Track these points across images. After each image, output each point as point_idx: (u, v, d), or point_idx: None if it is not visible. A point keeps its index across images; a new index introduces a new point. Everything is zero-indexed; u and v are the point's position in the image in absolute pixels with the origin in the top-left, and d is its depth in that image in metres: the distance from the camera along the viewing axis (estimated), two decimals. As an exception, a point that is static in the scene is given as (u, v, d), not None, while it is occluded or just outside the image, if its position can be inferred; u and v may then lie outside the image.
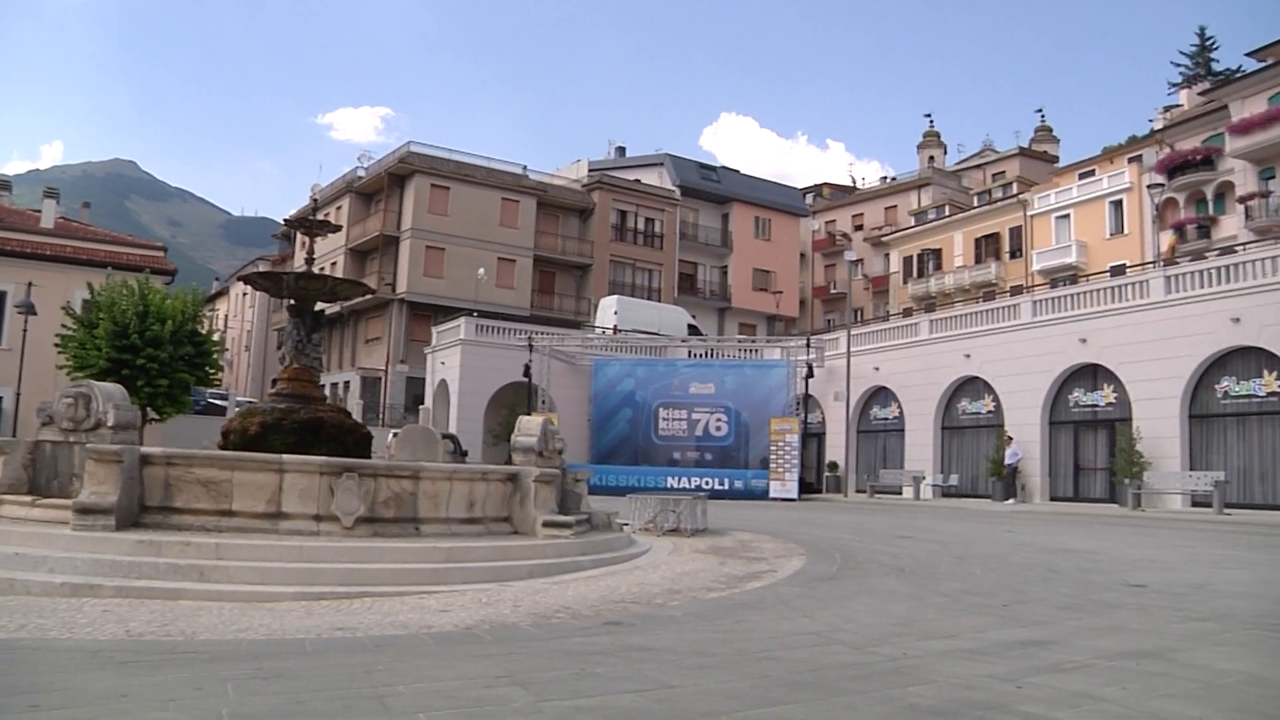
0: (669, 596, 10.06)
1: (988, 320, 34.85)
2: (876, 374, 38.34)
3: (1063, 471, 31.78)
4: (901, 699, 5.62)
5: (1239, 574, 12.66)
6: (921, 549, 15.82)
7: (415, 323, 51.85)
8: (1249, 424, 26.83)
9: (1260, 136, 40.51)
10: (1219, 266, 28.39)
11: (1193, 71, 66.19)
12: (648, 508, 18.38)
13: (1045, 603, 9.92)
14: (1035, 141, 75.69)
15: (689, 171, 63.00)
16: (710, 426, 39.38)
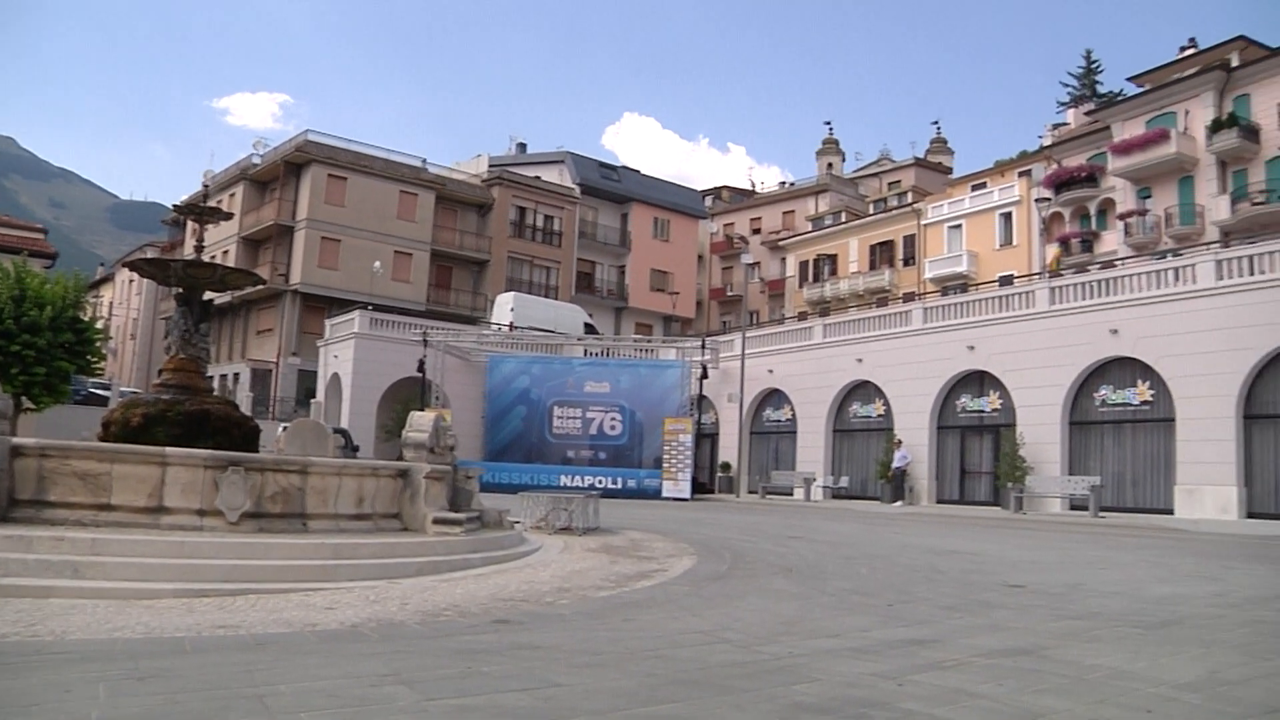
0: (559, 595, 10.04)
1: (880, 326, 35.55)
2: (770, 376, 38.80)
3: (949, 475, 32.56)
4: (786, 697, 5.70)
5: (1111, 574, 13.12)
6: (810, 549, 16.05)
7: (308, 315, 50.88)
8: (1124, 431, 27.84)
9: (1139, 157, 42.05)
10: (1099, 280, 29.43)
11: (1080, 92, 68.32)
12: (540, 506, 18.33)
13: (928, 602, 10.15)
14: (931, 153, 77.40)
15: (590, 170, 62.98)
16: (605, 425, 39.43)
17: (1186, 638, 8.18)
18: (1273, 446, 24.78)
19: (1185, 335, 25.87)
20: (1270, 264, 25.06)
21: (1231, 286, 25.43)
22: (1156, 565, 14.39)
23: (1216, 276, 25.84)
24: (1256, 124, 39.75)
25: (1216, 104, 41.11)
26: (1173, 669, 6.84)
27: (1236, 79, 41.14)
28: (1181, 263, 27.68)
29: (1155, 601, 10.44)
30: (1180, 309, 26.28)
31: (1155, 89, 44.21)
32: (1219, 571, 13.48)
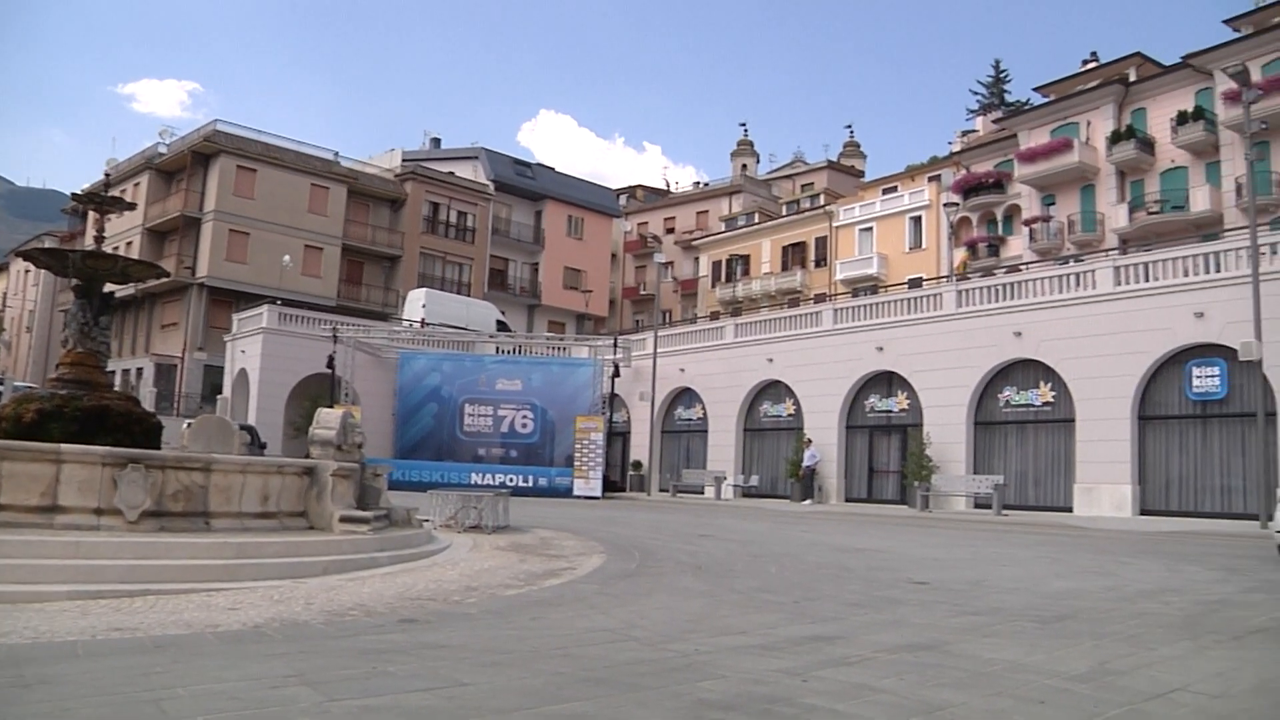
0: (466, 594, 9.99)
1: (791, 326, 35.92)
2: (682, 375, 38.98)
3: (858, 474, 33.04)
4: (692, 694, 5.74)
5: (1012, 571, 13.44)
6: (719, 547, 16.17)
7: (215, 309, 49.80)
8: (1027, 431, 28.54)
9: (1043, 165, 43.14)
10: (1004, 284, 30.12)
11: (988, 100, 69.78)
12: (449, 504, 18.21)
13: (834, 599, 10.29)
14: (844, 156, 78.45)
15: (504, 167, 62.62)
16: (516, 423, 39.27)
17: (1080, 631, 8.43)
18: (1164, 446, 25.62)
19: (1085, 339, 26.61)
20: (1163, 271, 25.91)
21: (1128, 292, 26.22)
22: (1055, 561, 14.77)
23: (1114, 282, 26.62)
24: (1152, 137, 41.04)
25: (1116, 116, 42.35)
26: (1066, 661, 7.05)
27: (1134, 93, 42.44)
28: (1082, 268, 28.46)
29: (1053, 597, 10.73)
30: (1080, 313, 27.02)
31: (1059, 100, 45.39)
32: (1113, 567, 13.90)
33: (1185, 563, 14.57)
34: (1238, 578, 12.73)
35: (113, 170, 52.81)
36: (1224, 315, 23.86)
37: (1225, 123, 36.81)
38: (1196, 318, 24.61)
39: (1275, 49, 36.89)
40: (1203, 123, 38.47)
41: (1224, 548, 17.48)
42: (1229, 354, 23.69)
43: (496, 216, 60.65)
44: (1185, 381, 25.17)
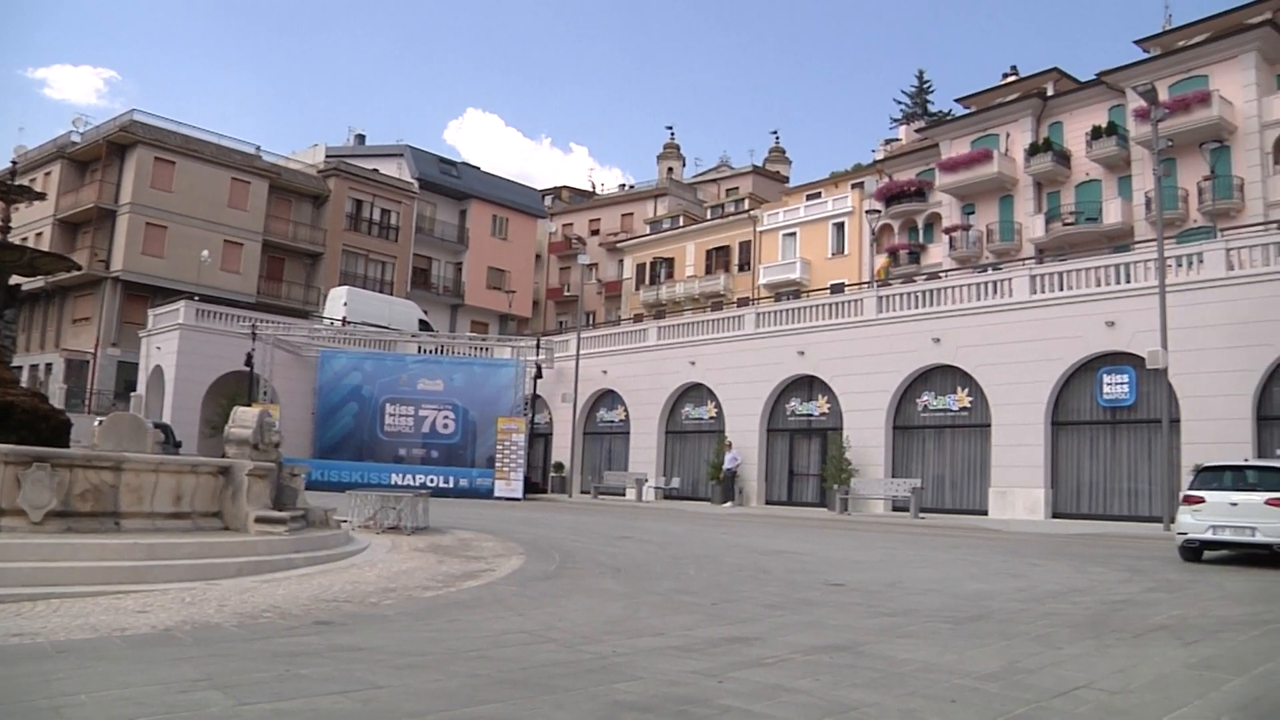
0: (383, 595, 9.90)
1: (714, 330, 36.11)
2: (605, 377, 38.99)
3: (778, 476, 33.32)
4: (608, 696, 5.76)
5: (927, 573, 13.67)
6: (639, 549, 16.21)
7: (130, 304, 48.61)
8: (944, 435, 29.02)
9: (964, 175, 43.90)
10: (924, 290, 30.60)
11: (912, 110, 70.69)
12: (368, 504, 18.03)
13: (752, 601, 10.38)
14: (769, 161, 78.98)
15: (429, 165, 62.08)
16: (438, 424, 38.99)
17: (991, 631, 8.60)
18: (1075, 451, 26.24)
19: (1001, 345, 27.15)
20: (1077, 281, 26.54)
21: (1043, 301, 26.81)
22: (969, 564, 15.05)
23: (1030, 291, 27.20)
24: (1068, 150, 41.99)
25: (1034, 129, 43.26)
26: (977, 661, 7.19)
27: (1052, 107, 43.41)
28: (999, 277, 29.04)
29: (966, 598, 10.93)
30: (997, 320, 27.57)
31: (980, 111, 46.24)
32: (1025, 569, 14.20)
33: (1093, 564, 14.93)
34: (1141, 578, 13.09)
35: (20, 158, 51.42)
36: (1133, 324, 24.50)
37: (1136, 139, 37.80)
38: (1108, 326, 25.25)
39: (1181, 71, 38.00)
40: (1115, 138, 39.48)
41: (1130, 549, 17.95)
42: (1138, 362, 24.34)
43: (421, 215, 60.12)
44: (1096, 388, 25.80)
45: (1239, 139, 36.29)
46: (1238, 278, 23.56)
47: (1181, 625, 9.09)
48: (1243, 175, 36.06)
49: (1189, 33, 40.50)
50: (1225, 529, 14.94)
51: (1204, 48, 37.81)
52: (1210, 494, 15.32)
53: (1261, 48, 36.36)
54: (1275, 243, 23.91)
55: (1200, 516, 15.22)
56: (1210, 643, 8.18)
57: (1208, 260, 24.36)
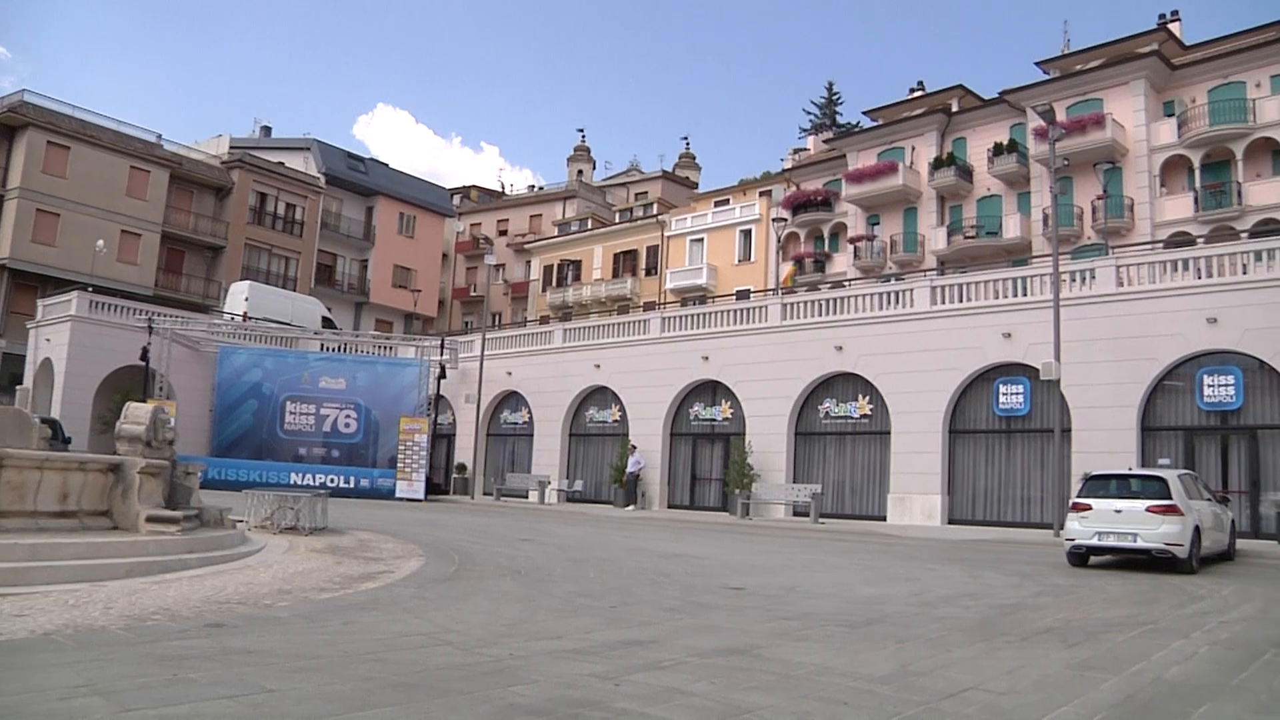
0: (278, 597, 9.72)
1: (619, 333, 36.18)
2: (509, 379, 38.81)
3: (681, 481, 33.50)
4: (503, 699, 5.73)
5: (825, 577, 13.86)
6: (540, 552, 16.17)
7: (19, 293, 46.92)
8: (845, 442, 29.46)
9: (870, 186, 44.68)
10: (828, 299, 31.04)
11: (821, 120, 71.70)
12: (265, 504, 17.68)
13: (651, 604, 10.42)
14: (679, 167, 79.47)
15: (336, 160, 61.13)
16: (339, 423, 38.42)
17: (885, 635, 8.76)
18: (971, 459, 26.85)
19: (902, 354, 27.66)
20: (977, 293, 27.18)
21: (943, 311, 27.39)
22: (866, 568, 15.30)
23: (931, 302, 27.76)
24: (971, 165, 43.03)
25: (939, 144, 44.24)
26: (871, 664, 7.33)
27: (956, 123, 44.44)
28: (902, 287, 29.58)
29: (862, 602, 11.12)
30: (899, 330, 28.08)
31: (887, 124, 47.13)
32: (919, 573, 14.48)
33: (985, 569, 15.30)
34: (1030, 583, 13.45)
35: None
36: (1029, 337, 25.18)
37: (1035, 157, 38.88)
38: (1004, 338, 25.90)
39: (1078, 93, 39.24)
40: (1016, 155, 40.56)
41: (1021, 555, 18.44)
42: (1032, 373, 25.01)
43: (327, 210, 59.18)
44: (993, 398, 26.43)
45: (1130, 161, 37.61)
46: (1126, 294, 24.38)
47: (1066, 628, 9.37)
48: (1133, 196, 37.35)
49: (1086, 57, 41.81)
50: (1110, 535, 15.48)
51: (1099, 72, 39.09)
52: (1097, 501, 15.85)
53: (1150, 76, 37.77)
54: (1162, 261, 24.82)
55: (1087, 523, 15.76)
56: (1091, 644, 8.46)
57: (1099, 276, 25.15)
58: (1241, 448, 22.81)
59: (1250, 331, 22.18)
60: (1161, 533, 14.96)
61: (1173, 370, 23.51)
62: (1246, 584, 13.79)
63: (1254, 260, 23.45)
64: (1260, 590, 13.03)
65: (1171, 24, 41.84)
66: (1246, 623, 10.10)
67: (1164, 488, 15.52)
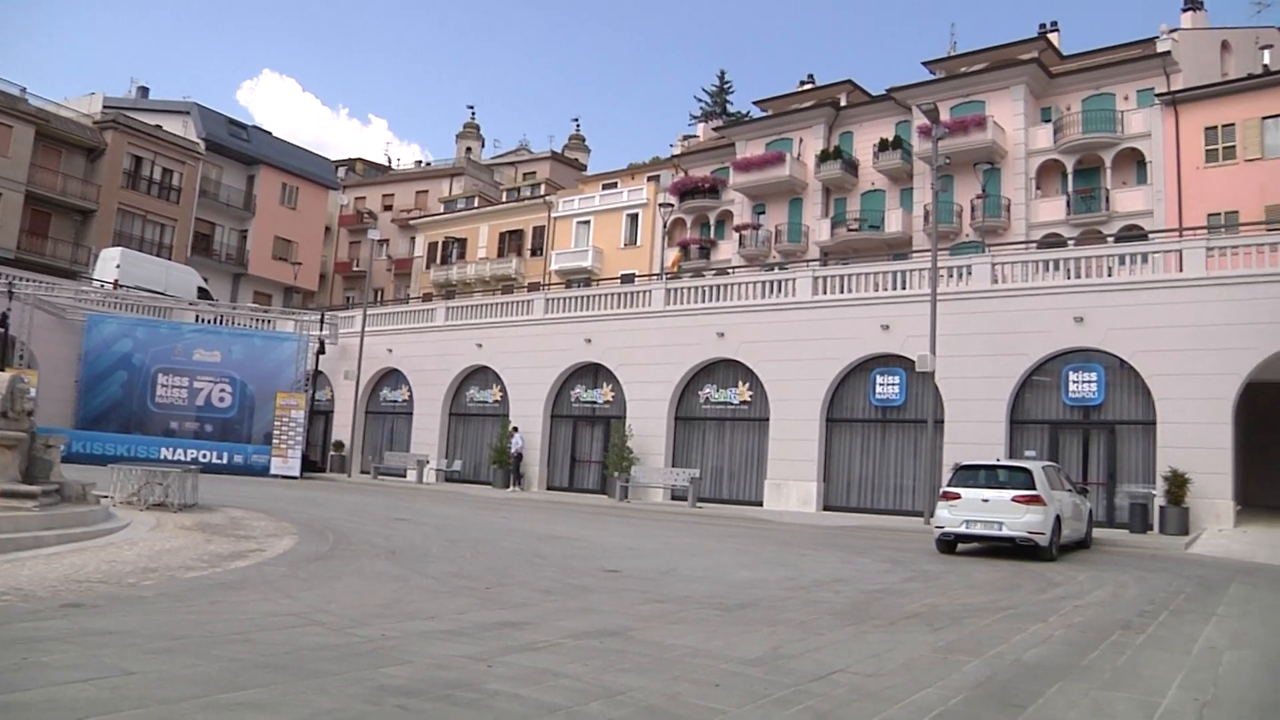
0: (142, 575, 9.44)
1: (502, 313, 35.95)
2: (390, 356, 38.28)
3: (560, 462, 33.48)
4: (374, 680, 5.67)
5: (701, 560, 14.02)
6: (417, 532, 16.02)
7: None
8: (724, 427, 29.79)
9: (757, 176, 45.11)
10: (712, 285, 31.30)
11: (711, 108, 72.04)
12: (132, 479, 17.14)
13: (527, 586, 10.41)
14: (568, 149, 79.11)
15: (217, 126, 59.29)
16: (213, 397, 37.38)
17: (758, 618, 8.90)
18: (846, 447, 27.40)
19: (783, 343, 28.05)
20: (857, 285, 27.71)
21: (824, 302, 27.85)
22: (742, 553, 15.51)
23: (813, 292, 28.20)
24: (856, 159, 43.78)
25: (826, 137, 44.88)
26: (743, 646, 7.44)
27: (844, 117, 45.14)
28: (785, 276, 30.00)
29: (736, 585, 11.27)
30: (780, 318, 28.47)
31: (776, 115, 47.59)
32: (794, 558, 14.74)
33: (858, 555, 15.65)
34: (900, 568, 13.81)
35: None
36: (906, 329, 25.77)
37: (919, 154, 39.73)
38: (883, 330, 26.47)
39: (962, 94, 40.25)
40: (900, 151, 41.40)
41: (893, 542, 18.90)
42: (908, 364, 25.63)
43: (206, 177, 57.36)
44: (870, 388, 27.00)
45: (1009, 163, 38.74)
46: (1000, 291, 25.14)
47: (932, 613, 9.64)
48: (1010, 196, 38.48)
49: (970, 60, 42.86)
50: (977, 523, 15.99)
51: (982, 76, 40.13)
52: (965, 491, 16.36)
53: (1029, 82, 38.94)
54: (1034, 261, 25.67)
55: (956, 511, 16.25)
56: (955, 628, 8.73)
57: (975, 273, 25.88)
58: (1101, 441, 23.75)
59: (1113, 331, 23.09)
60: (1025, 521, 15.51)
61: (1041, 366, 24.34)
62: (1100, 570, 14.38)
63: (1118, 263, 24.47)
64: (1112, 576, 13.61)
65: (1051, 34, 43.11)
66: (1098, 607, 10.55)
67: (1029, 479, 16.09)
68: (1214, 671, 7.36)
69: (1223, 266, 22.57)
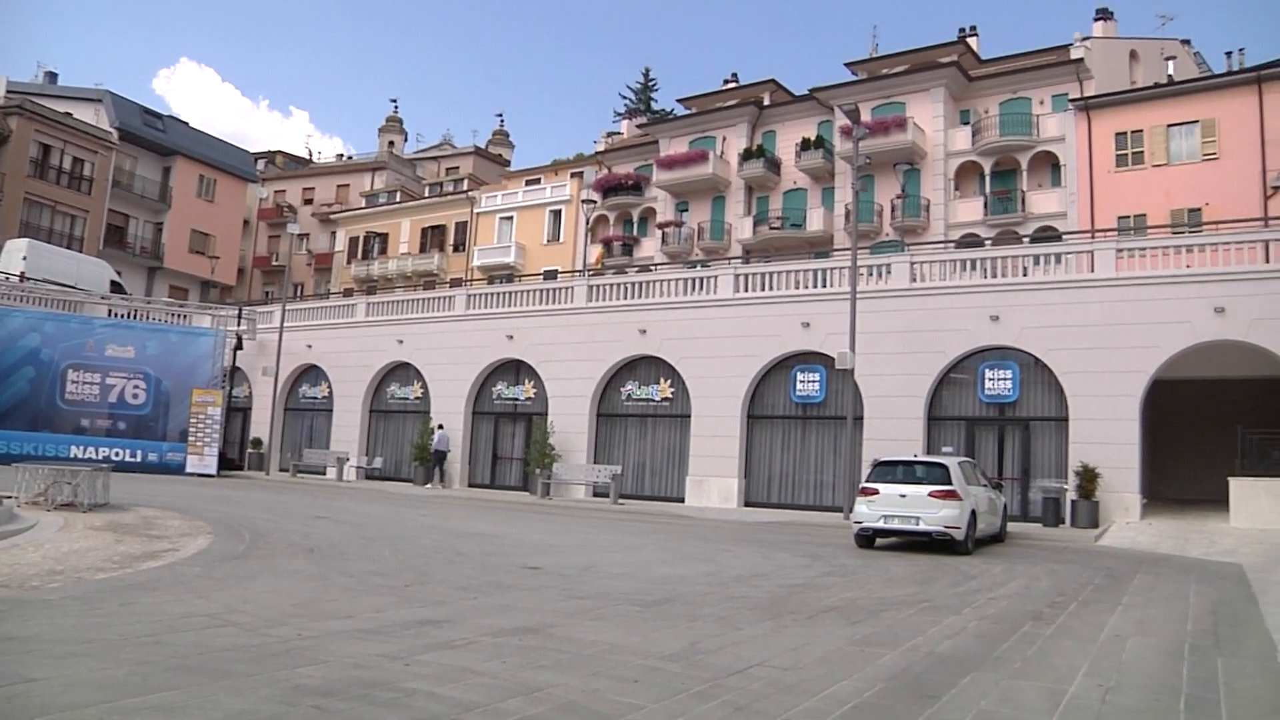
0: (47, 578, 9.20)
1: (424, 309, 35.65)
2: (309, 352, 37.74)
3: (482, 459, 33.28)
4: (289, 680, 5.60)
5: (621, 557, 14.05)
6: (335, 530, 15.83)
7: None
8: (646, 424, 29.86)
9: (680, 173, 45.29)
10: (634, 282, 31.37)
11: (636, 105, 72.10)
12: (38, 479, 16.70)
13: (446, 583, 10.35)
14: (492, 144, 78.66)
15: (131, 115, 57.82)
16: (126, 393, 36.48)
17: (678, 614, 8.95)
18: (767, 443, 27.64)
19: (705, 340, 28.20)
20: (779, 282, 27.95)
21: (746, 299, 28.05)
22: (662, 549, 15.57)
23: (735, 289, 28.39)
24: (779, 158, 44.16)
25: (749, 135, 45.20)
26: (662, 642, 7.48)
27: (767, 116, 45.50)
28: (707, 274, 30.14)
29: (656, 581, 11.32)
30: (702, 316, 28.61)
31: (700, 113, 47.82)
32: (714, 554, 14.84)
33: (777, 550, 15.81)
34: (819, 563, 13.98)
35: None
36: (826, 327, 26.06)
37: (840, 154, 40.21)
38: (803, 327, 26.73)
39: (883, 95, 40.82)
40: (822, 151, 41.86)
41: (813, 537, 19.12)
42: (829, 362, 25.91)
43: (119, 168, 55.95)
44: (790, 385, 27.26)
45: (928, 164, 39.38)
46: (919, 289, 25.55)
47: (850, 606, 9.77)
48: (930, 197, 39.12)
49: (892, 62, 43.48)
50: (895, 518, 16.25)
51: (903, 78, 40.75)
52: (884, 486, 16.60)
53: (949, 85, 39.63)
54: (952, 260, 26.14)
55: (874, 507, 16.48)
56: (872, 622, 8.86)
57: (894, 271, 26.26)
58: (1016, 437, 24.25)
59: (1027, 330, 23.59)
60: (941, 516, 15.79)
61: (958, 364, 24.78)
62: (1013, 563, 14.70)
63: (1033, 263, 25.03)
64: (1024, 569, 13.92)
65: (970, 38, 43.93)
66: (1010, 599, 10.78)
67: (945, 474, 16.37)
68: (1118, 659, 7.59)
69: (1131, 268, 23.22)
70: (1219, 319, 21.43)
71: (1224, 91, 34.85)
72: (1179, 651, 8.00)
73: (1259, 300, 21.14)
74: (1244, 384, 25.34)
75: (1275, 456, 20.93)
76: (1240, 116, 34.02)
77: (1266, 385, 23.50)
